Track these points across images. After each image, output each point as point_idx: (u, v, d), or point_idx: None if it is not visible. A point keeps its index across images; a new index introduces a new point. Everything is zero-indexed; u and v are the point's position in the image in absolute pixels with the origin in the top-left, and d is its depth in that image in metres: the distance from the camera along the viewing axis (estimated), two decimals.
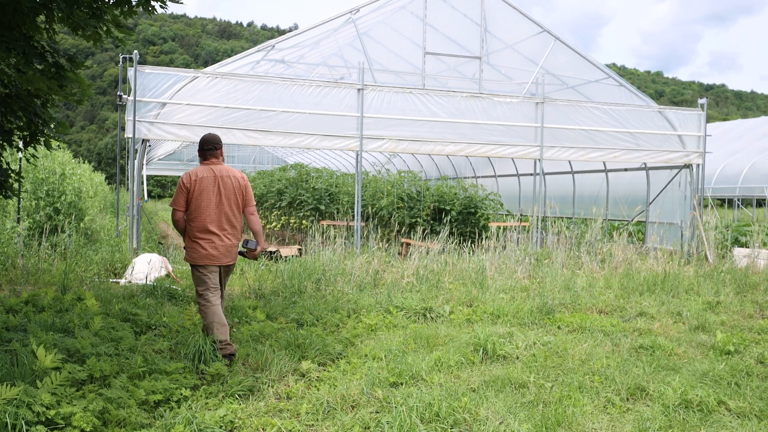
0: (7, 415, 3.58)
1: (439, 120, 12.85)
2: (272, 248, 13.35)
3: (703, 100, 14.99)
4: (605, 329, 7.19)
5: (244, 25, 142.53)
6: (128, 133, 11.27)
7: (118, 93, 11.28)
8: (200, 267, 5.82)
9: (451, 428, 4.14)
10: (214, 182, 5.87)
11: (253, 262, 11.09)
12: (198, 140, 6.27)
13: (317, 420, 4.36)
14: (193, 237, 5.85)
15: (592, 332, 7.08)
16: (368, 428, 4.19)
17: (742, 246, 14.70)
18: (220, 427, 4.15)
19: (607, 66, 15.24)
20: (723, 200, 27.58)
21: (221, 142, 6.12)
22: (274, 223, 19.53)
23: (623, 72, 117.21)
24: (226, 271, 6.04)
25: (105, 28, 5.08)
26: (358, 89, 12.31)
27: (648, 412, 4.63)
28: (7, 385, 3.80)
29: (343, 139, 12.28)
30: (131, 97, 11.19)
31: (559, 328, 7.34)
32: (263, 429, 4.19)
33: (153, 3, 5.12)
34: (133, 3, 5.10)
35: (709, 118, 65.68)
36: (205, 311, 5.75)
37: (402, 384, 5.10)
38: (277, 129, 11.85)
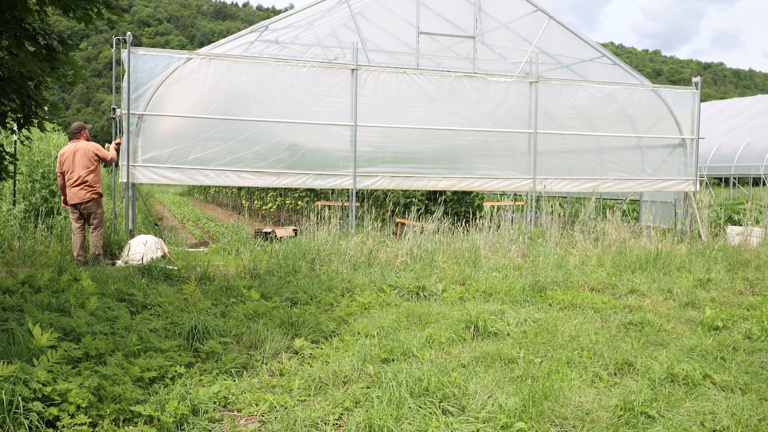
0: (3, 392, 3.64)
1: (433, 102, 12.87)
2: (267, 229, 13.42)
3: (697, 79, 15.01)
4: (596, 306, 7.28)
5: (240, 5, 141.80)
6: (122, 112, 11.32)
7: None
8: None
9: (440, 402, 4.22)
10: (72, 152, 9.91)
11: (249, 244, 11.20)
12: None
13: (309, 395, 4.44)
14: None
15: (583, 309, 7.17)
16: (359, 402, 4.27)
17: (735, 224, 14.79)
18: (214, 402, 4.23)
19: (604, 45, 15.33)
20: (719, 179, 27.63)
21: (82, 128, 10.15)
22: (269, 204, 19.59)
23: (621, 51, 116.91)
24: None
25: (96, 10, 5.10)
26: (352, 69, 12.32)
27: (634, 385, 4.71)
28: (3, 363, 3.87)
29: (337, 178, 12.38)
30: (124, 84, 11.26)
31: (550, 305, 7.43)
32: (256, 404, 4.27)
33: None
34: None
35: (707, 97, 65.75)
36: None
37: (393, 360, 5.19)
38: (269, 170, 11.95)
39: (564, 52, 15.32)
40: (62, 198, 10.22)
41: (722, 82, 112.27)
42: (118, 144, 10.99)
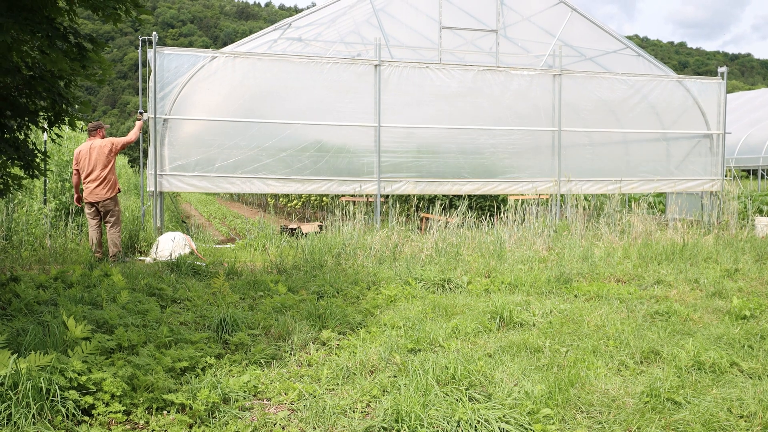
0: (41, 380, 3.75)
1: (457, 96, 12.90)
2: (293, 225, 13.53)
3: (723, 69, 14.86)
4: (622, 297, 7.28)
5: (262, 5, 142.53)
6: (149, 116, 11.49)
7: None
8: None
9: (466, 389, 4.26)
10: (88, 150, 9.91)
11: (275, 240, 11.31)
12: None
13: (337, 384, 4.51)
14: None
15: (609, 300, 7.17)
16: (386, 390, 4.33)
17: (764, 215, 14.62)
18: (244, 391, 4.31)
19: (629, 37, 15.19)
20: (747, 171, 27.28)
21: (99, 127, 10.11)
22: (294, 201, 19.72)
23: (646, 43, 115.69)
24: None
25: (124, 9, 5.19)
26: (375, 65, 12.38)
27: (660, 373, 4.72)
28: (40, 353, 3.98)
29: (362, 183, 12.59)
30: (150, 83, 11.44)
31: (576, 296, 7.43)
32: (285, 393, 4.35)
33: None
34: None
35: (735, 88, 64.83)
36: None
37: (420, 350, 5.24)
38: (294, 176, 12.16)
39: (587, 44, 15.25)
40: (75, 197, 10.34)
41: (750, 73, 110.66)
42: (141, 116, 11.03)
